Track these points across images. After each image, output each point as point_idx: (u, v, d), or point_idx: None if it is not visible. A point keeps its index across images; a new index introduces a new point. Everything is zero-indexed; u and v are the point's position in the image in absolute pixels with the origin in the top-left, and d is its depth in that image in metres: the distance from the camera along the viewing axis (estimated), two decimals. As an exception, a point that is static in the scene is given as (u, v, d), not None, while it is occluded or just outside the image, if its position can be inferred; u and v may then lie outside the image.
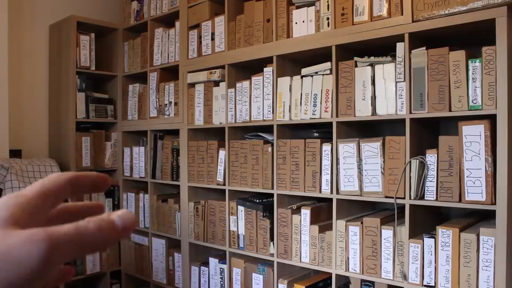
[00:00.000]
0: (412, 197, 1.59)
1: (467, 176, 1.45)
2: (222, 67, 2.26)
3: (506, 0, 1.37)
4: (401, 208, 1.63)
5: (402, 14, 1.63)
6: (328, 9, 1.84)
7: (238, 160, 2.16)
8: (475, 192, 1.44)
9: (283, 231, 1.98)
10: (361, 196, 1.72)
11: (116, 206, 2.95)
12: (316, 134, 1.93)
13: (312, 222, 1.89)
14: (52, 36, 2.90)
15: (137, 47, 2.84)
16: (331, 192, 1.81)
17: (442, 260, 1.51)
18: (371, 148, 1.69)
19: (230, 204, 2.21)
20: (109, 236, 0.29)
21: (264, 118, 2.05)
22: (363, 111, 1.72)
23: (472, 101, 1.46)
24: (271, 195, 2.04)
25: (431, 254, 1.54)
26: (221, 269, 2.29)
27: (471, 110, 1.46)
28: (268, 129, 2.13)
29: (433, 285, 1.53)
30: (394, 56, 1.65)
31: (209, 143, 2.32)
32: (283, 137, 2.00)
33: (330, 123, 1.82)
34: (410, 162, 1.58)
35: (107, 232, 0.29)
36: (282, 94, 1.97)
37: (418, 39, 1.63)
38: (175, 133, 2.58)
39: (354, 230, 1.73)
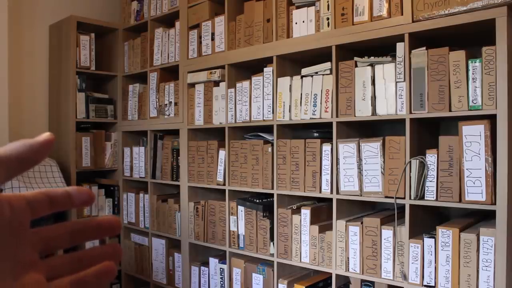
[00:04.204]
0: (412, 197, 1.59)
1: (467, 176, 1.45)
2: (222, 67, 2.26)
3: (506, 0, 1.37)
4: (401, 208, 1.63)
5: (402, 14, 1.63)
6: (328, 9, 1.84)
7: (238, 160, 2.16)
8: (475, 192, 1.44)
9: (283, 231, 1.98)
10: (361, 196, 1.72)
11: (116, 206, 2.95)
12: (316, 134, 1.93)
13: (312, 222, 1.89)
14: (52, 36, 2.90)
15: (137, 47, 2.84)
16: (331, 192, 1.81)
17: (442, 260, 1.51)
18: (371, 148, 1.69)
19: (230, 204, 2.21)
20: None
21: (264, 118, 2.05)
22: (363, 111, 1.72)
23: (472, 101, 1.46)
24: (271, 195, 2.04)
25: (431, 254, 1.54)
26: (221, 269, 2.29)
27: (471, 110, 1.46)
28: (268, 129, 2.13)
29: (433, 285, 1.53)
30: (394, 56, 1.65)
31: (209, 143, 2.32)
32: (283, 137, 2.00)
33: (330, 123, 1.82)
34: (410, 162, 1.58)
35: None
36: (282, 94, 1.97)
37: (418, 39, 1.63)
38: (175, 133, 2.58)
39: (354, 230, 1.73)
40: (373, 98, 1.70)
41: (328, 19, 1.84)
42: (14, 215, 0.27)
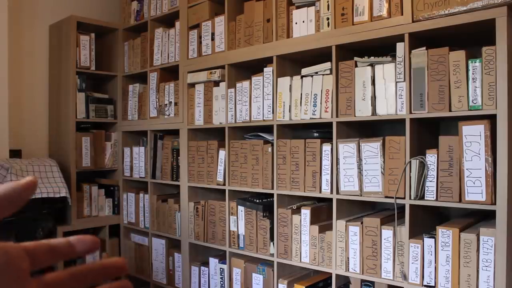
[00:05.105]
0: (412, 197, 1.59)
1: (467, 176, 1.45)
2: (222, 67, 2.26)
3: (506, 0, 1.37)
4: (401, 208, 1.63)
5: (402, 14, 1.63)
6: (328, 9, 1.84)
7: (238, 160, 2.16)
8: (475, 192, 1.44)
9: (283, 231, 1.98)
10: (361, 196, 1.72)
11: (116, 206, 2.95)
12: (316, 134, 1.93)
13: (312, 222, 1.89)
14: (52, 36, 2.90)
15: (137, 47, 2.84)
16: (331, 192, 1.81)
17: (442, 260, 1.51)
18: (371, 148, 1.69)
19: (230, 204, 2.21)
20: None
21: (264, 118, 2.05)
22: (363, 111, 1.72)
23: (472, 101, 1.46)
24: (271, 195, 2.04)
25: (431, 254, 1.54)
26: (221, 269, 2.29)
27: (471, 110, 1.46)
28: (268, 129, 2.13)
29: (433, 285, 1.53)
30: (394, 56, 1.65)
31: (209, 143, 2.32)
32: (283, 137, 2.00)
33: (330, 123, 1.82)
34: (410, 162, 1.58)
35: None
36: (282, 94, 1.97)
37: (418, 39, 1.63)
38: (175, 133, 2.58)
39: (354, 230, 1.73)
40: (373, 98, 1.70)
41: (328, 19, 1.84)
42: (9, 261, 0.27)
